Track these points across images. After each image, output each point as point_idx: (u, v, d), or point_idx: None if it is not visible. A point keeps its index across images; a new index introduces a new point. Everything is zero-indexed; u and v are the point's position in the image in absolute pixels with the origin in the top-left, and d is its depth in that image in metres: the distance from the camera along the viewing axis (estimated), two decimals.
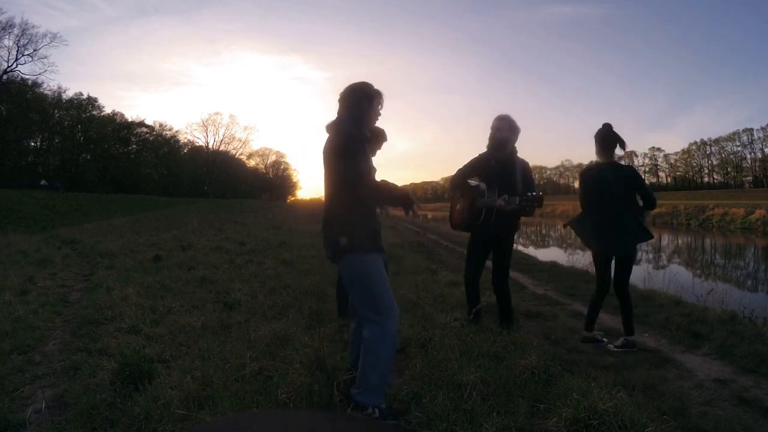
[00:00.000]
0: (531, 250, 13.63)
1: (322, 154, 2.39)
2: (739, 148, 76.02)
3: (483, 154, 3.63)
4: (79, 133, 53.19)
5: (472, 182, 3.56)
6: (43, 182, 42.77)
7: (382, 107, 2.44)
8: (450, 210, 3.92)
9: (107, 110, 57.11)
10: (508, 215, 3.42)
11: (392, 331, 2.23)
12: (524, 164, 3.57)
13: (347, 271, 2.33)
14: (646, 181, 3.76)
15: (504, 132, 3.47)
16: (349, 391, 2.30)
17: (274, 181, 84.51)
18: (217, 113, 71.10)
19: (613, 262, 3.49)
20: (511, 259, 3.63)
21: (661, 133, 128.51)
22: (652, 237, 3.60)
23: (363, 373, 2.23)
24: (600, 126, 3.51)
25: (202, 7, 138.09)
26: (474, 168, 3.63)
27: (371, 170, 2.35)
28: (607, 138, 3.45)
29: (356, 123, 2.34)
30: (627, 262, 3.48)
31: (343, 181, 2.28)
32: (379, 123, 2.56)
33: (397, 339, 2.27)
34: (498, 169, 3.47)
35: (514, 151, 3.54)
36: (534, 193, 3.29)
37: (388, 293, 2.28)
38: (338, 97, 2.41)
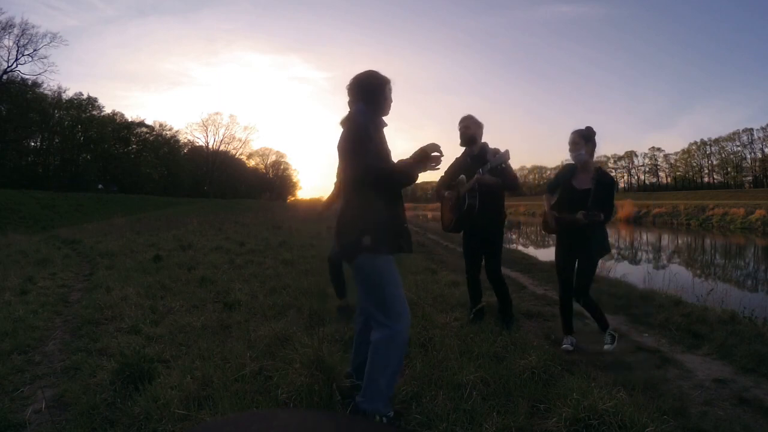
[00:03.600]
0: (531, 250, 13.63)
1: (337, 149, 2.30)
2: (739, 148, 76.05)
3: (458, 157, 3.94)
4: (79, 133, 53.04)
5: (453, 182, 3.86)
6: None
7: (391, 93, 2.37)
8: (441, 214, 4.13)
9: (107, 110, 57.13)
10: (493, 202, 3.68)
11: (403, 336, 2.14)
12: (495, 151, 3.80)
13: (362, 272, 2.21)
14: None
15: (471, 129, 3.79)
16: (350, 395, 2.28)
17: (274, 181, 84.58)
18: (217, 113, 71.26)
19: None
20: (501, 250, 3.83)
21: (661, 133, 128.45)
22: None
23: (370, 377, 2.12)
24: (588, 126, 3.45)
25: (200, 6, 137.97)
26: (454, 170, 3.92)
27: (388, 154, 2.28)
28: None
29: (374, 114, 2.28)
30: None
31: (363, 176, 2.14)
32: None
33: (407, 344, 2.18)
34: (474, 163, 3.73)
35: (485, 145, 3.83)
36: (499, 153, 3.57)
37: (401, 297, 2.20)
38: (347, 89, 2.34)
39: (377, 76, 2.31)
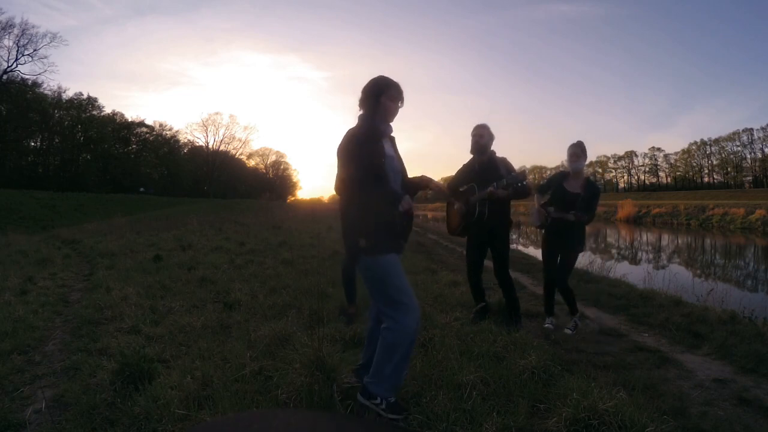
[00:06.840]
0: (531, 250, 13.62)
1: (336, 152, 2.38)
2: (739, 148, 75.88)
3: (467, 163, 4.05)
4: (79, 133, 53.09)
5: (462, 188, 3.93)
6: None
7: (396, 101, 2.37)
8: (447, 218, 4.23)
9: (107, 110, 57.13)
10: (501, 207, 3.81)
11: (409, 328, 2.22)
12: (503, 160, 3.95)
13: (365, 272, 2.30)
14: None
15: (484, 138, 3.90)
16: (349, 389, 2.30)
17: (274, 181, 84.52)
18: (216, 113, 71.37)
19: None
20: (509, 251, 3.96)
21: (661, 133, 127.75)
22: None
23: (377, 364, 2.24)
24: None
25: (198, 6, 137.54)
26: (462, 175, 4.02)
27: (379, 164, 2.28)
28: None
29: (370, 120, 2.33)
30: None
31: (354, 181, 2.26)
32: None
33: (414, 336, 2.27)
34: (482, 170, 3.85)
35: (493, 153, 3.94)
36: (516, 172, 3.71)
37: (406, 290, 2.28)
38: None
39: (378, 81, 2.36)
